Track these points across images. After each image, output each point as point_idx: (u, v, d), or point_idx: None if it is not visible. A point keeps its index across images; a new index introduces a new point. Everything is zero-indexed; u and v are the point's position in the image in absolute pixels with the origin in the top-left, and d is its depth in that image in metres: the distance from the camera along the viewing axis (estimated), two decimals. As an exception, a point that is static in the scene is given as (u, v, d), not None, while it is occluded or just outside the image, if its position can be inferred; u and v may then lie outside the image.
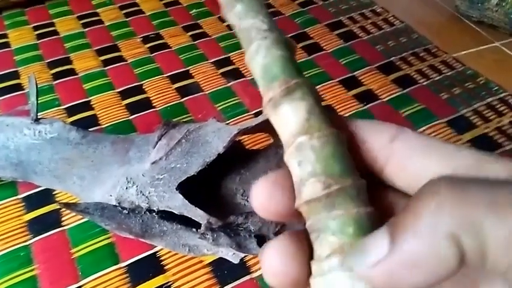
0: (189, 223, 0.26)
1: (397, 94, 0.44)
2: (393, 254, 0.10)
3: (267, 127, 0.28)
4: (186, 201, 0.24)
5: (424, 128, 0.40)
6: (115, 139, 0.28)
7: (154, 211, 0.25)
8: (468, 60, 0.48)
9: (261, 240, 0.28)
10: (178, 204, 0.25)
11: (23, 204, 0.34)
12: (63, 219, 0.33)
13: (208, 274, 0.30)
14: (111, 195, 0.25)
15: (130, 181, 0.25)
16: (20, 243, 0.32)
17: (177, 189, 0.25)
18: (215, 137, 0.25)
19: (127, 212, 0.25)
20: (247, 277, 0.30)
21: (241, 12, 0.13)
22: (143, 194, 0.25)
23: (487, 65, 0.48)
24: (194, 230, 0.26)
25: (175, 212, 0.25)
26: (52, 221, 0.33)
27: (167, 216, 0.26)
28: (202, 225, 0.25)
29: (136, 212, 0.25)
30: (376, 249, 0.11)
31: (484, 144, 0.39)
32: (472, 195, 0.10)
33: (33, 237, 0.32)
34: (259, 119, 0.26)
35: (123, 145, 0.27)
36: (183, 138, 0.25)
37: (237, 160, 0.29)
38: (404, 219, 0.10)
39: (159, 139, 0.26)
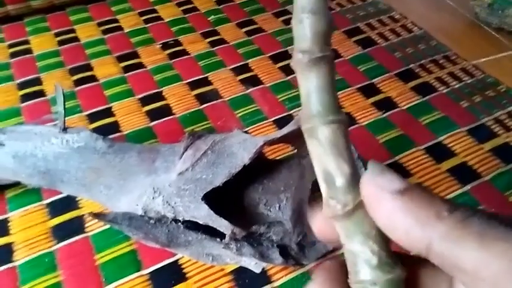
0: (213, 233, 0.26)
1: (417, 102, 0.44)
2: (398, 196, 0.11)
3: (291, 138, 0.28)
4: (211, 212, 0.25)
5: (444, 136, 0.40)
6: (141, 149, 0.28)
7: (179, 221, 0.26)
8: (488, 68, 0.48)
9: (283, 250, 0.28)
10: (204, 214, 0.25)
11: (47, 210, 0.35)
12: (86, 225, 0.34)
13: (229, 283, 0.30)
14: (137, 205, 0.25)
15: (157, 191, 0.25)
16: (44, 249, 0.32)
17: (202, 200, 0.25)
18: (240, 148, 0.25)
19: (153, 222, 0.25)
20: (268, 286, 0.30)
21: (349, 232, 0.12)
22: (169, 204, 0.25)
23: (507, 73, 0.47)
24: (218, 239, 0.26)
25: (200, 222, 0.25)
26: (76, 227, 0.34)
27: (192, 226, 0.26)
28: (226, 235, 0.25)
29: (162, 222, 0.26)
30: (391, 181, 0.11)
31: (506, 154, 0.38)
32: None
33: (58, 243, 0.33)
34: (284, 130, 0.26)
35: (149, 155, 0.27)
36: (209, 149, 0.25)
37: (259, 170, 0.30)
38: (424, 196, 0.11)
39: (185, 150, 0.26)
